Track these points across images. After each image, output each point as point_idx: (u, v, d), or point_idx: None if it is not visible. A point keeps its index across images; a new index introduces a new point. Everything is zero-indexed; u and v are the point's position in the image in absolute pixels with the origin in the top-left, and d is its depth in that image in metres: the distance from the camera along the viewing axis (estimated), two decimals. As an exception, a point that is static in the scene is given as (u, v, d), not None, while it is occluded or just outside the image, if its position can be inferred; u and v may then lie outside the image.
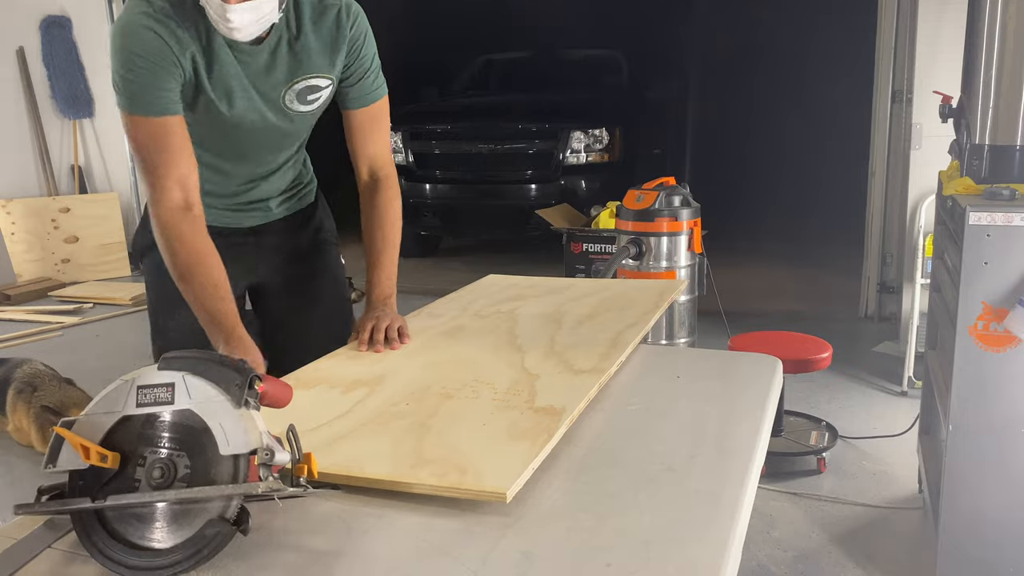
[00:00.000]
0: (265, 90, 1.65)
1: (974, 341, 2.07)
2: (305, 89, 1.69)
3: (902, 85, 4.59)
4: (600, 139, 6.30)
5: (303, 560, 0.94)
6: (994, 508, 2.13)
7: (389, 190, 1.84)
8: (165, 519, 0.93)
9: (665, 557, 0.93)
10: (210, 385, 0.94)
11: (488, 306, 1.93)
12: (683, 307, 3.38)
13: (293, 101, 1.70)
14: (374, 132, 1.81)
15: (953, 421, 2.13)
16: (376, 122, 1.81)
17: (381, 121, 1.82)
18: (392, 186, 1.85)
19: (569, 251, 4.67)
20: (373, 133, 1.81)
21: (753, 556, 2.55)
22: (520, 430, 1.19)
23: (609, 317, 1.80)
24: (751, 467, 1.16)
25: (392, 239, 1.82)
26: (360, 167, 1.83)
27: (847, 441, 3.38)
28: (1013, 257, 2.02)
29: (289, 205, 1.95)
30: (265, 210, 1.91)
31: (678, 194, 3.41)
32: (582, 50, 7.98)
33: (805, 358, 3.16)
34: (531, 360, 1.52)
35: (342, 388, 1.41)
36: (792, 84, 8.88)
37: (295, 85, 1.67)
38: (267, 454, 0.92)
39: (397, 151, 6.68)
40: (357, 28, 1.70)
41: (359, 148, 1.81)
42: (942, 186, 2.50)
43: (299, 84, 1.67)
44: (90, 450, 0.92)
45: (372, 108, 1.79)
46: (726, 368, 1.62)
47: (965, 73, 2.42)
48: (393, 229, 1.83)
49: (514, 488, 1.02)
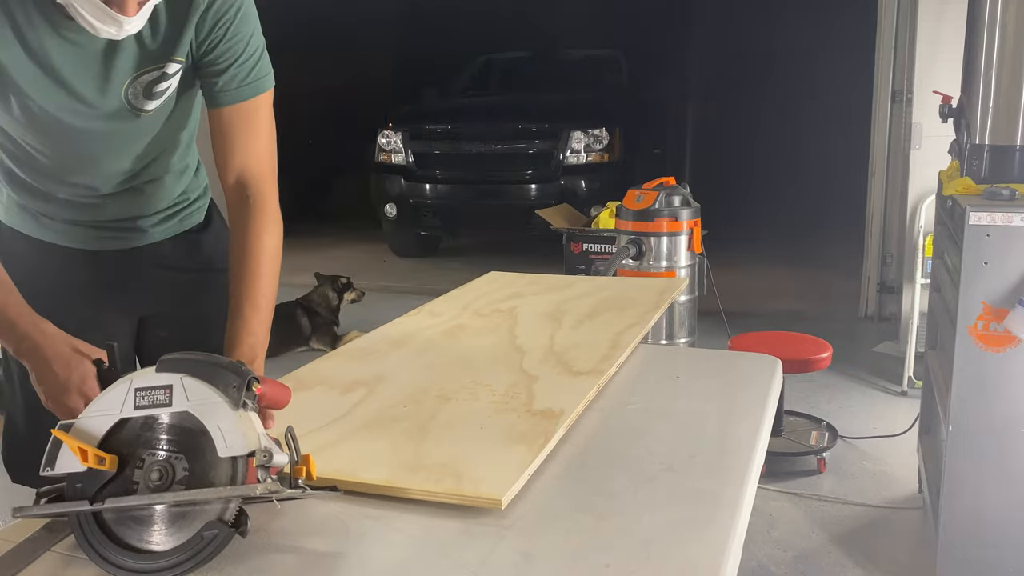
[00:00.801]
0: (102, 83, 1.31)
1: (974, 341, 2.07)
2: (154, 80, 1.34)
3: (902, 85, 4.59)
4: (600, 139, 6.30)
5: (302, 562, 0.94)
6: (994, 508, 2.13)
7: (261, 216, 1.37)
8: (163, 521, 0.93)
9: (665, 557, 0.93)
10: (208, 387, 0.94)
11: (488, 305, 1.93)
12: (683, 307, 3.38)
13: (139, 96, 1.35)
14: (245, 136, 1.39)
15: (953, 421, 2.13)
16: (249, 124, 1.39)
17: (256, 124, 1.40)
18: (266, 210, 1.38)
19: (569, 251, 4.67)
20: (244, 137, 1.39)
21: (753, 556, 2.55)
22: (518, 433, 1.19)
23: (609, 317, 1.79)
24: (751, 467, 1.16)
25: (263, 286, 1.33)
26: (225, 179, 1.40)
27: (847, 441, 3.38)
28: (1013, 257, 2.02)
29: (167, 227, 1.59)
30: (136, 231, 1.55)
31: (678, 194, 3.41)
32: (582, 50, 7.99)
33: (805, 358, 3.16)
34: (530, 361, 1.52)
35: (341, 389, 1.41)
36: (792, 84, 8.89)
37: (142, 76, 1.33)
38: (265, 456, 0.92)
39: (397, 151, 6.69)
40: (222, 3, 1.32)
41: (225, 156, 1.39)
42: (942, 186, 2.50)
43: (147, 74, 1.33)
44: (88, 453, 0.92)
45: (245, 106, 1.38)
46: (726, 368, 1.62)
47: (965, 73, 2.42)
48: (266, 269, 1.34)
49: (509, 494, 1.02)
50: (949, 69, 3.00)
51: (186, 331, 1.52)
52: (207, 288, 1.60)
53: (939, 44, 4.18)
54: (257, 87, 1.39)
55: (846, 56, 6.93)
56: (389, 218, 6.76)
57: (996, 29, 2.18)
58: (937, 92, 2.63)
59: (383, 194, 6.72)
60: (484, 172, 6.47)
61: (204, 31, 1.33)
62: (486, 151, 6.47)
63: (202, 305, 1.58)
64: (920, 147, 4.32)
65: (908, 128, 4.42)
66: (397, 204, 6.66)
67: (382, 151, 6.79)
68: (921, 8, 4.27)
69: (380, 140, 6.80)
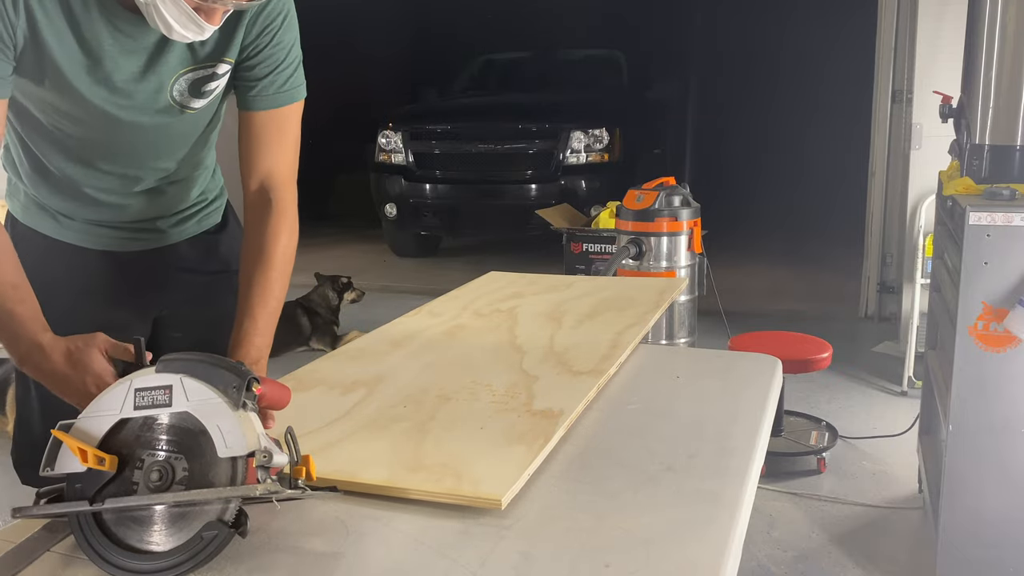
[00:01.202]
0: (149, 76, 1.31)
1: (974, 341, 2.07)
2: (203, 79, 1.35)
3: (902, 85, 4.59)
4: (600, 139, 6.30)
5: (301, 562, 0.94)
6: (994, 508, 2.13)
7: (281, 219, 1.40)
8: (163, 522, 0.93)
9: (665, 557, 0.92)
10: (208, 387, 0.94)
11: (488, 305, 1.92)
12: (683, 307, 3.38)
13: (184, 93, 1.35)
14: (275, 142, 1.41)
15: (953, 421, 2.13)
16: (279, 131, 1.42)
17: (287, 131, 1.43)
18: (286, 214, 1.41)
19: (569, 251, 4.67)
20: (273, 143, 1.41)
21: (753, 556, 2.55)
22: (517, 433, 1.19)
23: (609, 317, 1.79)
24: (751, 467, 1.16)
25: (274, 286, 1.36)
26: (248, 182, 1.42)
27: (847, 441, 3.38)
28: (1013, 257, 2.02)
29: (186, 228, 1.59)
30: (155, 232, 1.55)
31: (678, 194, 3.41)
32: (582, 50, 8.00)
33: (805, 358, 3.16)
34: (530, 361, 1.52)
35: (340, 389, 1.41)
36: (792, 84, 8.89)
37: (189, 73, 1.33)
38: (265, 456, 0.92)
39: (397, 151, 6.69)
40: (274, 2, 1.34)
41: (252, 159, 1.41)
42: (942, 186, 2.50)
43: (195, 72, 1.34)
44: (88, 453, 0.92)
45: (278, 112, 1.41)
46: (726, 368, 1.62)
47: (965, 73, 2.42)
48: (277, 270, 1.37)
49: (509, 494, 1.02)
50: (949, 69, 3.00)
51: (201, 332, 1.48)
52: (223, 290, 1.57)
53: (939, 44, 4.18)
54: (292, 95, 1.42)
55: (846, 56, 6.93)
56: (389, 218, 6.76)
57: (996, 29, 2.18)
58: (937, 92, 2.63)
59: (383, 194, 6.72)
60: (484, 172, 6.48)
61: (252, 35, 1.35)
62: (486, 151, 6.47)
63: (217, 307, 1.54)
64: (920, 147, 4.32)
65: (908, 128, 4.42)
66: (397, 204, 6.67)
67: (382, 151, 6.79)
68: (921, 8, 4.27)
69: (380, 140, 6.80)
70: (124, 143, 1.40)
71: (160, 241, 1.57)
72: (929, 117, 3.79)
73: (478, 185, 6.52)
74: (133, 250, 1.55)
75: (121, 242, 1.54)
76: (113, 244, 1.53)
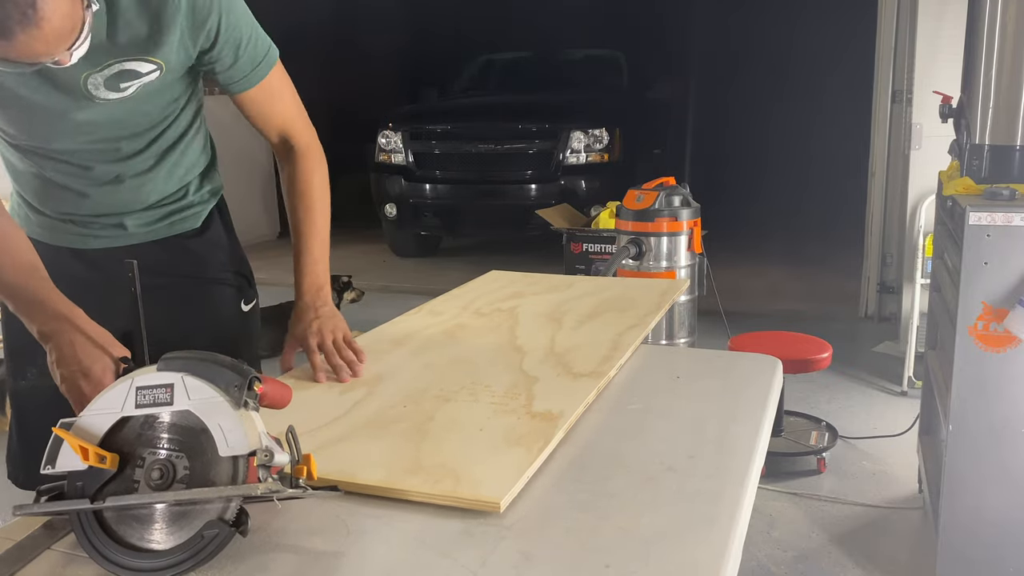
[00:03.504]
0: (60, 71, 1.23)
1: (974, 341, 2.07)
2: (118, 74, 1.32)
3: (902, 85, 4.59)
4: (600, 139, 6.30)
5: (302, 561, 0.94)
6: (994, 508, 2.13)
7: (307, 159, 1.56)
8: (164, 520, 0.93)
9: (665, 557, 0.93)
10: (209, 386, 0.94)
11: (489, 304, 1.92)
12: (683, 307, 3.38)
13: (99, 87, 1.32)
14: (272, 107, 1.51)
15: (953, 421, 2.13)
16: (271, 97, 1.50)
17: (279, 93, 1.51)
18: (312, 155, 1.56)
19: (569, 251, 4.67)
20: (271, 108, 1.51)
21: (753, 556, 2.55)
22: (517, 436, 1.19)
23: (610, 318, 1.79)
24: (751, 467, 1.16)
25: (318, 217, 1.56)
26: (269, 138, 1.56)
27: (847, 441, 3.38)
28: (1013, 257, 2.02)
29: (155, 228, 1.55)
30: (120, 229, 1.52)
31: (678, 194, 3.41)
32: (582, 50, 8.00)
33: (805, 358, 3.16)
34: (530, 362, 1.52)
35: (340, 389, 1.41)
36: (792, 84, 8.90)
37: (104, 70, 1.30)
38: (266, 455, 0.92)
39: (397, 151, 6.69)
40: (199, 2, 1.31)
41: (261, 126, 1.54)
42: (942, 186, 2.50)
43: (108, 69, 1.31)
44: (89, 451, 0.92)
45: (261, 85, 1.47)
46: (726, 368, 1.62)
47: (965, 73, 2.42)
48: (319, 204, 1.56)
49: (508, 498, 1.02)
50: (949, 69, 3.00)
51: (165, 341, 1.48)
52: (189, 299, 1.56)
53: (939, 44, 4.18)
54: (267, 65, 1.46)
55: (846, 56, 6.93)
56: (389, 218, 6.76)
57: (996, 29, 2.18)
58: (937, 92, 2.63)
59: (383, 194, 6.72)
60: (484, 172, 6.47)
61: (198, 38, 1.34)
62: (486, 151, 6.47)
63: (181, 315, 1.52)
64: (920, 147, 4.32)
65: (908, 128, 4.42)
66: (397, 204, 6.66)
67: (382, 151, 6.79)
68: (921, 8, 4.27)
69: (380, 140, 6.79)
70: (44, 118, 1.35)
71: (126, 240, 1.52)
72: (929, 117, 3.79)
73: (478, 185, 6.51)
74: (98, 247, 1.52)
75: (85, 239, 1.52)
76: (77, 241, 1.51)
